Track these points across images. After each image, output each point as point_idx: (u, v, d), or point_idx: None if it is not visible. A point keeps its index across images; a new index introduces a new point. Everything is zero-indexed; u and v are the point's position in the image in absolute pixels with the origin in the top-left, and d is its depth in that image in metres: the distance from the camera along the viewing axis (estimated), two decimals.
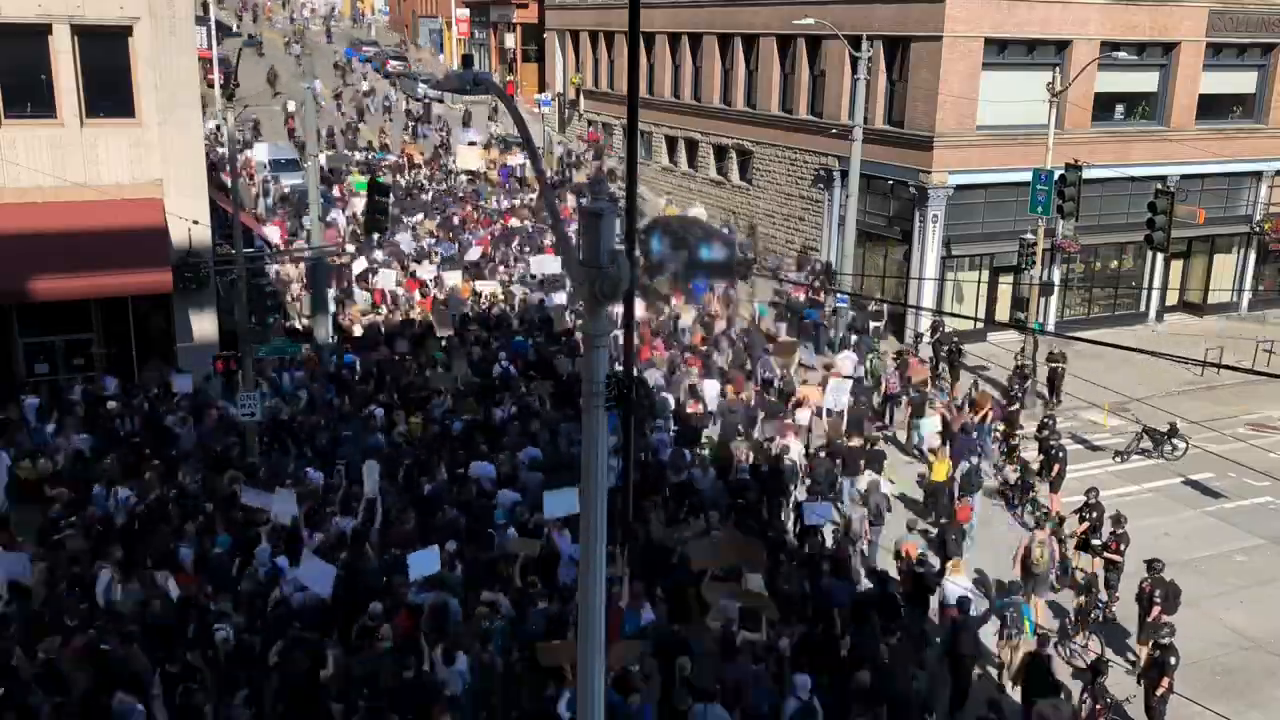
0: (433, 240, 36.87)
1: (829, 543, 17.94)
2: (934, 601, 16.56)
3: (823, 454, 21.22)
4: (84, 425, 20.52)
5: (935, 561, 17.46)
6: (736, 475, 19.94)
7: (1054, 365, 27.99)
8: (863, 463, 20.93)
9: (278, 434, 20.98)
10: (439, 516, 16.82)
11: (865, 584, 16.75)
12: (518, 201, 42.83)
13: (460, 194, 44.09)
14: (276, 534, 15.90)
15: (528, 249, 36.37)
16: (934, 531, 19.42)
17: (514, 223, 39.38)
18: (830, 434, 22.13)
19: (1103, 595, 18.15)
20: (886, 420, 25.59)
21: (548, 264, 32.43)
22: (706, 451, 21.48)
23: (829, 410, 23.11)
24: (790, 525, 19.70)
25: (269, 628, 13.73)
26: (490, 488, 18.14)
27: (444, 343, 26.39)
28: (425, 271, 33.06)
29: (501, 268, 34.83)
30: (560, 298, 30.11)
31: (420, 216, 39.55)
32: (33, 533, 16.58)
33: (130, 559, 15.21)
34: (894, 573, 17.17)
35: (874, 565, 18.12)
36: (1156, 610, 16.26)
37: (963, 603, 15.29)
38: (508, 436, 20.48)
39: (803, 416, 22.90)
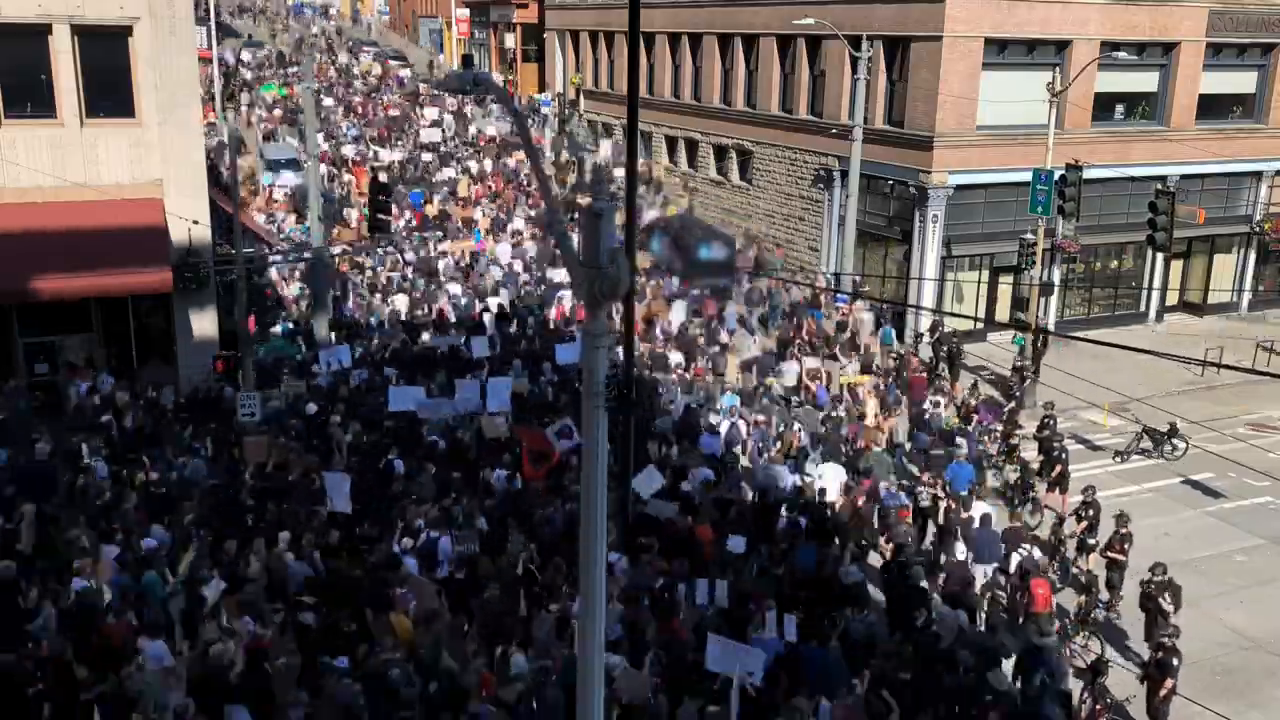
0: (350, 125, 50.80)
1: None
2: None
3: None
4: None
5: None
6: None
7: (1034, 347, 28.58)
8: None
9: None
10: None
11: None
12: (397, 97, 57.36)
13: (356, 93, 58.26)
14: None
15: (410, 129, 51.11)
16: None
17: (394, 112, 53.70)
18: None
19: (1103, 595, 18.16)
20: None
21: (426, 135, 49.35)
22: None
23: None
24: None
25: None
26: None
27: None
28: (349, 148, 46.14)
29: (399, 144, 48.77)
30: (450, 171, 44.82)
31: (342, 109, 53.63)
32: None
33: None
34: None
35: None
36: (1167, 607, 16.24)
37: None
38: None
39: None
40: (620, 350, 17.72)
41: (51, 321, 23.68)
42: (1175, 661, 14.67)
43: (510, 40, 65.84)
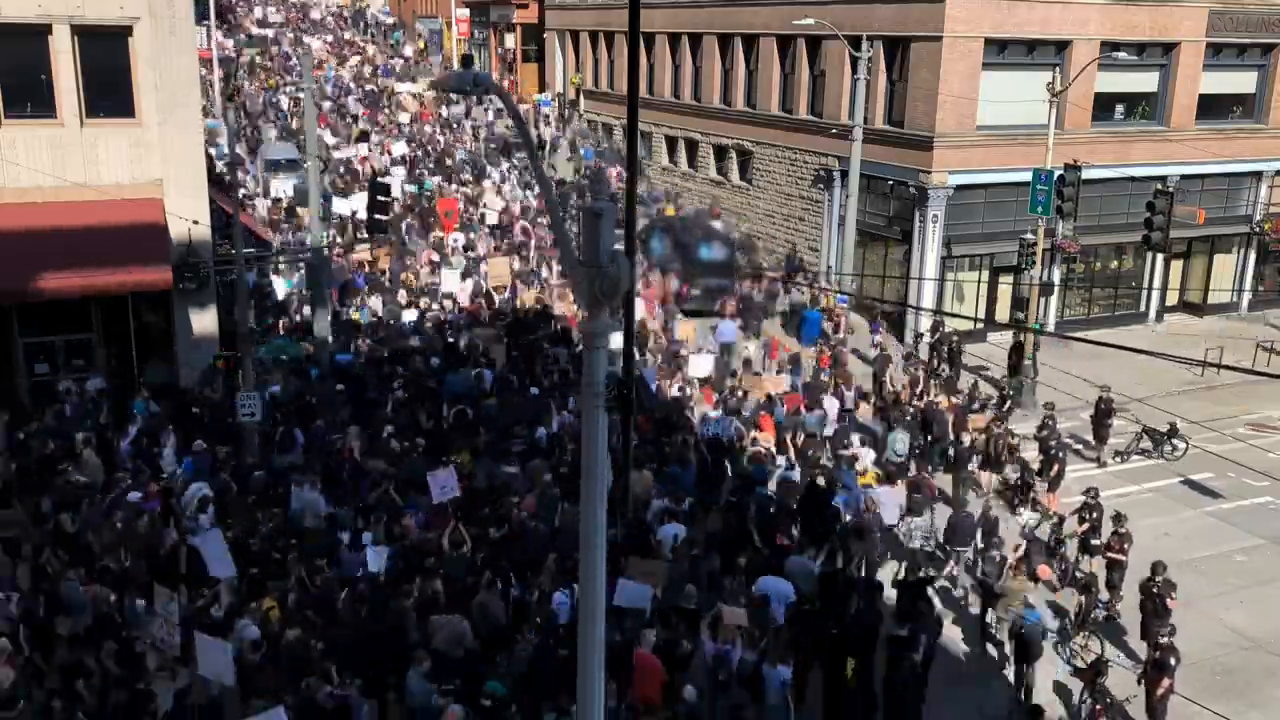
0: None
1: None
2: None
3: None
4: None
5: None
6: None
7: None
8: None
9: None
10: None
11: None
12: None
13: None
14: None
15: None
16: None
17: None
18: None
19: (1103, 595, 18.16)
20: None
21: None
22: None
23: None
24: None
25: None
26: None
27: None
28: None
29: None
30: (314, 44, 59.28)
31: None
32: None
33: None
34: None
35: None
36: (1173, 604, 16.23)
37: None
38: None
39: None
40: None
41: (51, 321, 23.65)
42: (1172, 661, 14.69)
43: (510, 40, 65.82)
